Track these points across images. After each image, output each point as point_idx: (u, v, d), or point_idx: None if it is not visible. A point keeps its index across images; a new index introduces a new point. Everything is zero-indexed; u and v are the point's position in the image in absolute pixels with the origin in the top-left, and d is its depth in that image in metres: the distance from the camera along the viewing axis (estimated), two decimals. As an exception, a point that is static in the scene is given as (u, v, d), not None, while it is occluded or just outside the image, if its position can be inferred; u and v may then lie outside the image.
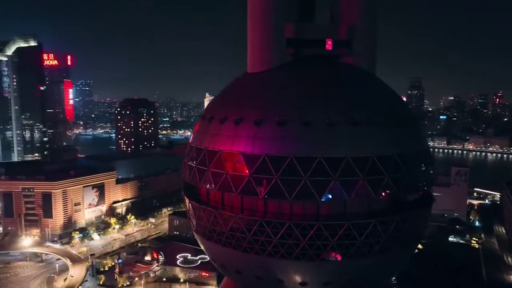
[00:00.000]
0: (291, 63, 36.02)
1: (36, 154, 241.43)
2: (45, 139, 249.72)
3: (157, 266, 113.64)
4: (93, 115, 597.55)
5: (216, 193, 31.99)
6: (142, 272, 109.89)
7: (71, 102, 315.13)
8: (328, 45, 36.40)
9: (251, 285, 35.46)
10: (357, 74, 36.33)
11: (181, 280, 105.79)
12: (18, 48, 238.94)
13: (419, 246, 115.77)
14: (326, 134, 30.39)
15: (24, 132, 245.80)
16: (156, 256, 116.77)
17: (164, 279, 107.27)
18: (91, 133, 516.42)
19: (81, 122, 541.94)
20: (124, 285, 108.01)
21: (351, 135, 30.70)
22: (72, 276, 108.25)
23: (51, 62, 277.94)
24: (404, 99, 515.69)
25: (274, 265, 31.51)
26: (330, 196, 30.03)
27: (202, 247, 37.68)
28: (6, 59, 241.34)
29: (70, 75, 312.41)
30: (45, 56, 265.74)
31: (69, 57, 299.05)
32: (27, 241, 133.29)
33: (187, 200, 35.50)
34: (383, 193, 31.37)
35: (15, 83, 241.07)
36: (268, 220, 30.05)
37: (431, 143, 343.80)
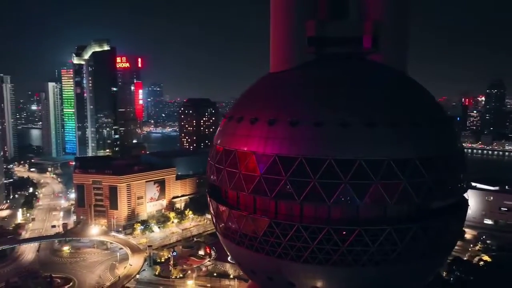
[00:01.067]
0: (312, 62, 35.15)
1: (108, 150, 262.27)
2: (116, 136, 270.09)
3: (209, 261, 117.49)
4: (163, 114, 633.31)
5: (232, 192, 32.20)
6: (195, 266, 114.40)
7: (141, 102, 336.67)
8: (365, 42, 34.98)
9: (265, 285, 35.28)
10: (381, 73, 34.42)
11: (231, 276, 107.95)
12: (93, 53, 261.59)
13: (486, 258, 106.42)
14: (338, 135, 29.41)
15: (97, 130, 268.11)
16: (209, 251, 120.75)
17: (215, 274, 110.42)
18: (160, 131, 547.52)
19: (152, 121, 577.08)
20: (178, 277, 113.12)
21: (365, 136, 29.30)
22: (131, 265, 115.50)
23: (124, 65, 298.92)
24: (482, 98, 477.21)
25: (284, 267, 31.11)
26: (341, 200, 28.94)
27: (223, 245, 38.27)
28: (83, 62, 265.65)
29: (141, 77, 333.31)
30: (118, 59, 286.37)
31: (139, 59, 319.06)
32: (95, 230, 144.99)
33: (208, 198, 36.25)
34: (400, 199, 29.47)
35: (90, 85, 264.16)
36: (278, 222, 29.66)
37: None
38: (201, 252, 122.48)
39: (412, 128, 30.72)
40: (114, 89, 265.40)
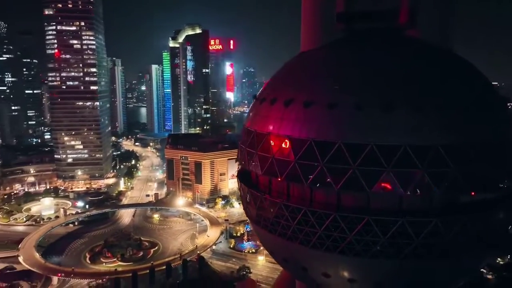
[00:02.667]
0: (342, 40, 32.66)
1: (198, 128, 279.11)
2: (207, 115, 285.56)
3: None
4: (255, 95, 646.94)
5: (264, 177, 31.00)
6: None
7: (232, 82, 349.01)
8: (401, 16, 31.42)
9: (299, 275, 34.07)
10: (419, 50, 30.50)
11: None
12: (187, 36, 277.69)
13: None
14: (381, 119, 26.70)
15: (190, 109, 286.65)
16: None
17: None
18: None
19: (246, 101, 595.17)
20: (250, 252, 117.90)
21: (411, 120, 26.40)
22: (209, 236, 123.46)
23: (216, 47, 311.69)
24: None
25: (319, 258, 29.70)
26: (382, 189, 26.57)
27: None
28: (178, 45, 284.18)
29: (234, 58, 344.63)
30: (211, 42, 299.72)
31: (231, 41, 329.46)
32: (181, 201, 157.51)
33: (238, 183, 35.63)
34: (448, 189, 26.40)
35: (184, 67, 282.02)
36: (313, 210, 27.94)
37: None
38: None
39: (464, 112, 27.16)
40: (206, 70, 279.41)
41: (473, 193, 27.26)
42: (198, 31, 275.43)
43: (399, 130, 26.31)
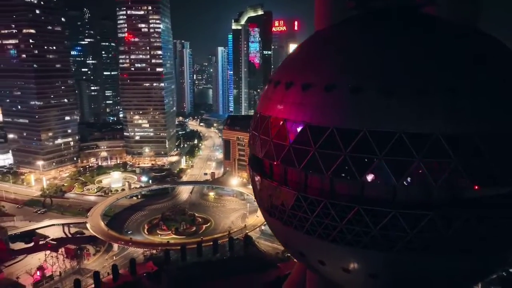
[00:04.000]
0: (353, 18, 30.36)
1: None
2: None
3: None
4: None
5: (265, 161, 30.39)
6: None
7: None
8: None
9: (317, 269, 33.04)
10: (441, 28, 27.31)
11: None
12: (249, 18, 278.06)
13: None
14: (378, 103, 24.95)
15: (250, 91, 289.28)
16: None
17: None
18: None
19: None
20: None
21: (412, 105, 24.26)
22: (258, 217, 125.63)
23: (280, 28, 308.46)
24: None
25: (313, 244, 29.20)
26: (374, 178, 25.29)
27: None
28: (240, 28, 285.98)
29: (297, 39, 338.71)
30: (275, 23, 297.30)
31: (296, 22, 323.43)
32: (236, 181, 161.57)
33: (250, 171, 34.60)
34: (448, 182, 24.18)
35: (245, 49, 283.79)
36: (305, 196, 27.34)
37: None
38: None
39: (479, 97, 24.26)
40: (268, 52, 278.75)
41: (476, 188, 24.58)
42: (260, 12, 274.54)
43: (396, 116, 24.52)
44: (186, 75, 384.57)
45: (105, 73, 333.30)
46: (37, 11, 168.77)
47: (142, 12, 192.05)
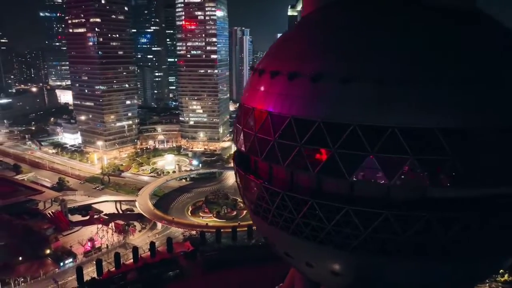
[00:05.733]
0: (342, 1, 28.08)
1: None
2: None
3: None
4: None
5: (248, 156, 28.60)
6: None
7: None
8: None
9: (306, 272, 31.64)
10: (429, 13, 24.27)
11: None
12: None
13: None
14: (369, 95, 22.93)
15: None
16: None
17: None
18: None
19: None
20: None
21: (405, 97, 22.15)
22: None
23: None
24: None
25: (299, 246, 27.52)
26: (364, 176, 23.29)
27: None
28: (296, 14, 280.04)
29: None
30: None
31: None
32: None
33: (235, 167, 32.33)
34: (442, 180, 21.98)
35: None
36: (290, 195, 25.21)
37: None
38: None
39: (482, 89, 21.65)
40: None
41: (477, 188, 21.93)
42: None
43: (387, 109, 22.33)
44: (246, 62, 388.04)
45: (169, 59, 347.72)
46: (103, 1, 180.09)
47: (198, 0, 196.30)
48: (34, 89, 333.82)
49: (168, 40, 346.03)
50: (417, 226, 21.90)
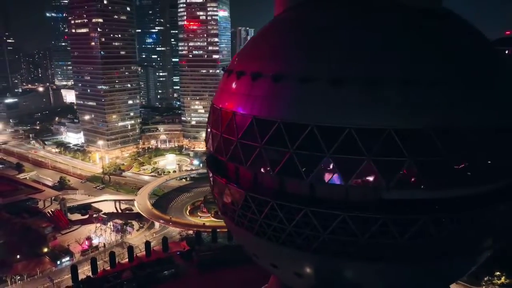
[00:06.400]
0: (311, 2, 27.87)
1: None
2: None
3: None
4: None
5: (216, 156, 28.51)
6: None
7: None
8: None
9: (273, 272, 31.36)
10: (402, 10, 24.00)
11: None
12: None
13: None
14: (327, 96, 22.81)
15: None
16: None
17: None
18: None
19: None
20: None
21: (363, 97, 21.95)
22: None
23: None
24: None
25: (263, 246, 26.91)
26: (322, 177, 23.10)
27: None
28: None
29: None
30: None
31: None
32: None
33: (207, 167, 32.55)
34: (402, 182, 21.75)
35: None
36: (253, 196, 25.12)
37: None
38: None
39: (441, 88, 21.39)
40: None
41: (433, 190, 21.69)
42: None
43: (345, 110, 22.16)
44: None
45: (173, 59, 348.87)
46: (105, 1, 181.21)
47: (200, 0, 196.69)
48: (40, 89, 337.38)
49: (172, 40, 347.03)
50: (374, 228, 21.72)
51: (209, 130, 29.78)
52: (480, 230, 22.85)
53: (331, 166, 21.73)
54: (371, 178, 21.60)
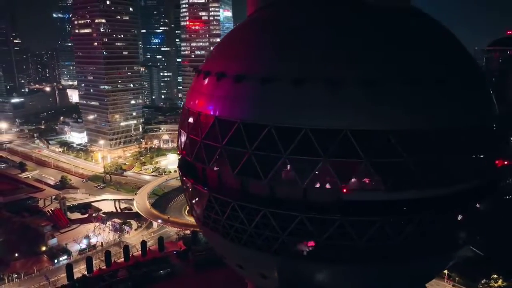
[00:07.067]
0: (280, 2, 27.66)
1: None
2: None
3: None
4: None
5: (184, 157, 28.64)
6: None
7: None
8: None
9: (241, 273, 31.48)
10: (371, 9, 23.68)
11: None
12: None
13: None
14: (287, 96, 22.57)
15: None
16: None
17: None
18: None
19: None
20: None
21: (322, 98, 21.73)
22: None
23: None
24: None
25: (227, 246, 26.68)
26: (281, 178, 22.87)
27: None
28: None
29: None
30: None
31: None
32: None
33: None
34: (357, 184, 21.53)
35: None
36: (216, 196, 24.97)
37: None
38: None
39: (404, 87, 21.10)
40: None
41: (389, 192, 21.40)
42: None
43: (302, 110, 21.94)
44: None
45: (178, 60, 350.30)
46: (108, 2, 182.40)
47: (202, 1, 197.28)
48: (47, 89, 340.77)
49: (177, 40, 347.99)
50: (332, 230, 21.51)
51: (179, 130, 29.89)
52: (440, 231, 22.49)
53: (288, 167, 21.57)
54: (328, 179, 21.39)
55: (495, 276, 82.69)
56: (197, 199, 27.37)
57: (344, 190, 21.02)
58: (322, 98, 21.45)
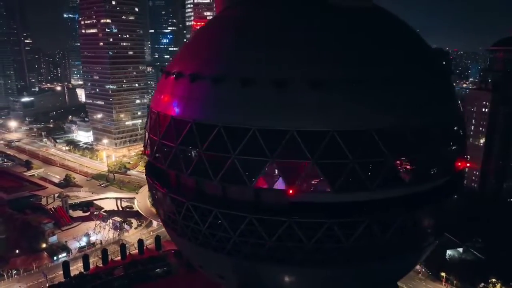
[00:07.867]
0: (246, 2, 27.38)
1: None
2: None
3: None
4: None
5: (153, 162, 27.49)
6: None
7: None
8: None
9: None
10: (341, 9, 23.31)
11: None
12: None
13: None
14: (236, 96, 21.62)
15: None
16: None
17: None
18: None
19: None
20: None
21: (270, 98, 21.34)
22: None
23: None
24: None
25: (191, 249, 26.62)
26: (229, 179, 22.50)
27: None
28: None
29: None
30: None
31: None
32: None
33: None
34: (306, 185, 21.22)
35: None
36: (194, 204, 23.79)
37: None
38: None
39: (347, 88, 20.71)
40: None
41: (339, 193, 21.01)
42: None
43: (252, 110, 21.60)
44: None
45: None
46: (113, 2, 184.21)
47: (207, 0, 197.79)
48: (58, 88, 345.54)
49: (185, 40, 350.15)
50: (281, 231, 21.25)
51: (148, 135, 29.20)
52: (393, 234, 22.00)
53: (237, 167, 21.35)
54: (275, 180, 21.14)
55: (494, 280, 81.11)
56: (156, 197, 27.45)
57: (291, 191, 20.69)
58: (270, 99, 21.20)
